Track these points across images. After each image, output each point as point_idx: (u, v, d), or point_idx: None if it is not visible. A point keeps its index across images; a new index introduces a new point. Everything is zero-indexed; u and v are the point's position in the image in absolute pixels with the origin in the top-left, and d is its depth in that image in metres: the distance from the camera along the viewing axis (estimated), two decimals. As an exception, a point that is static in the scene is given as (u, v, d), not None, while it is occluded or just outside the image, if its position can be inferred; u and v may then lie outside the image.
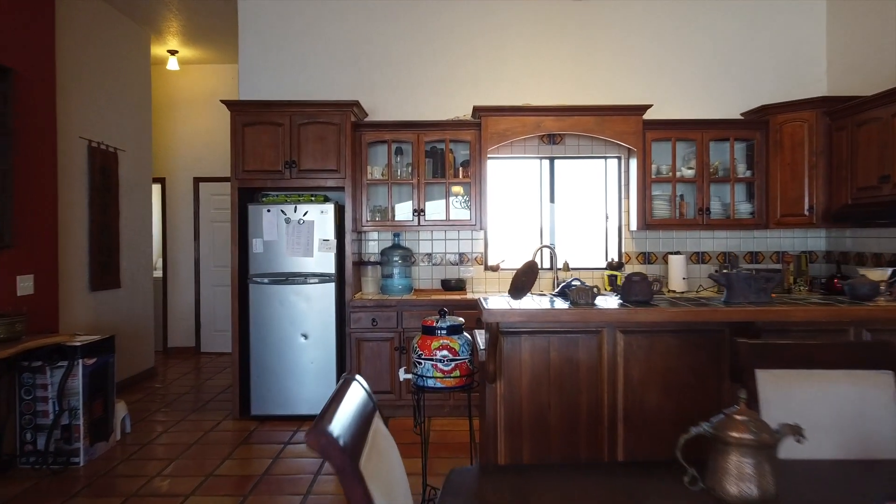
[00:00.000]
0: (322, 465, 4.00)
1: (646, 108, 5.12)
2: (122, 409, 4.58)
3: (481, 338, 3.10)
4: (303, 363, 4.93)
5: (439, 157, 5.28)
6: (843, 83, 5.29)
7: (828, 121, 4.92)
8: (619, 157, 5.58)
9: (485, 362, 2.68)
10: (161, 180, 7.87)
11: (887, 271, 4.29)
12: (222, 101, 5.05)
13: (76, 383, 4.00)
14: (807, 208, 5.02)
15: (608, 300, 2.81)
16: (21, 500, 3.54)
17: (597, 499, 1.50)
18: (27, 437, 3.97)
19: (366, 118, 5.45)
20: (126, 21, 6.21)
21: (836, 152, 4.83)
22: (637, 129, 5.12)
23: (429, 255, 5.57)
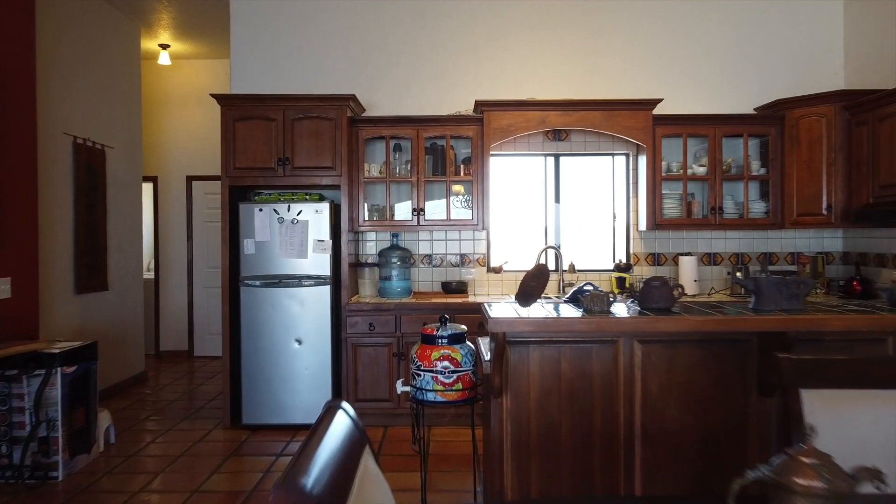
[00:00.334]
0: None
1: (656, 102, 4.89)
2: (105, 419, 4.34)
3: (485, 346, 2.87)
4: (297, 369, 4.70)
5: (440, 153, 5.05)
6: (861, 76, 5.05)
7: (847, 115, 4.69)
8: (628, 154, 5.35)
9: (489, 375, 2.45)
10: (153, 179, 7.64)
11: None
12: (212, 95, 4.82)
13: (54, 393, 3.77)
14: (825, 207, 4.79)
15: (624, 307, 2.58)
16: (-7, 519, 3.32)
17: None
18: (2, 449, 3.73)
19: (363, 113, 5.22)
20: (114, 13, 5.98)
21: (857, 148, 4.60)
22: (646, 124, 4.90)
23: (429, 256, 5.34)
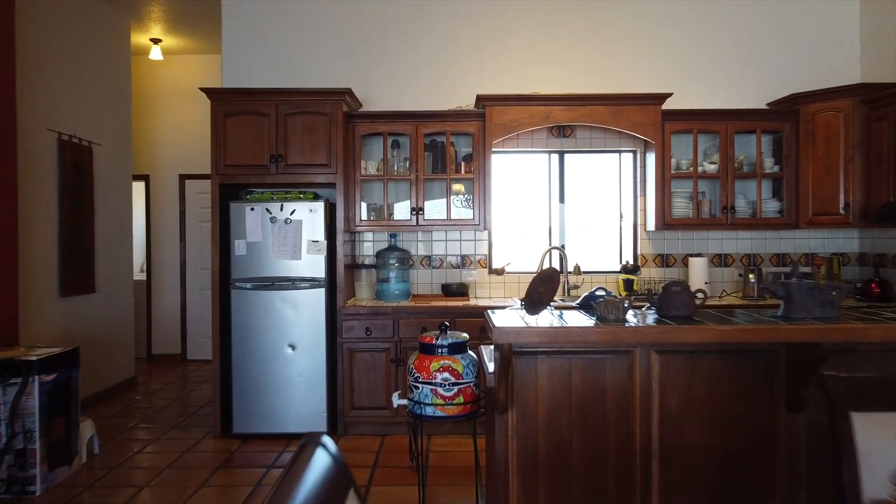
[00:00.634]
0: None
1: (665, 96, 4.69)
2: (88, 429, 4.13)
3: (488, 355, 2.66)
4: (290, 376, 4.49)
5: (439, 150, 4.85)
6: (878, 69, 4.84)
7: (866, 110, 4.49)
8: (635, 151, 5.14)
9: (494, 388, 2.24)
10: (145, 177, 7.43)
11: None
12: (202, 89, 4.61)
13: (32, 402, 3.56)
14: (842, 206, 4.58)
15: (638, 314, 2.37)
16: (-37, 538, 3.11)
17: None
18: (-24, 463, 3.53)
19: (360, 108, 5.01)
20: (102, 6, 5.76)
21: (876, 145, 4.40)
22: (655, 119, 4.69)
23: (428, 257, 5.13)
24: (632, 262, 5.12)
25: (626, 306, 2.21)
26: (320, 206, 4.50)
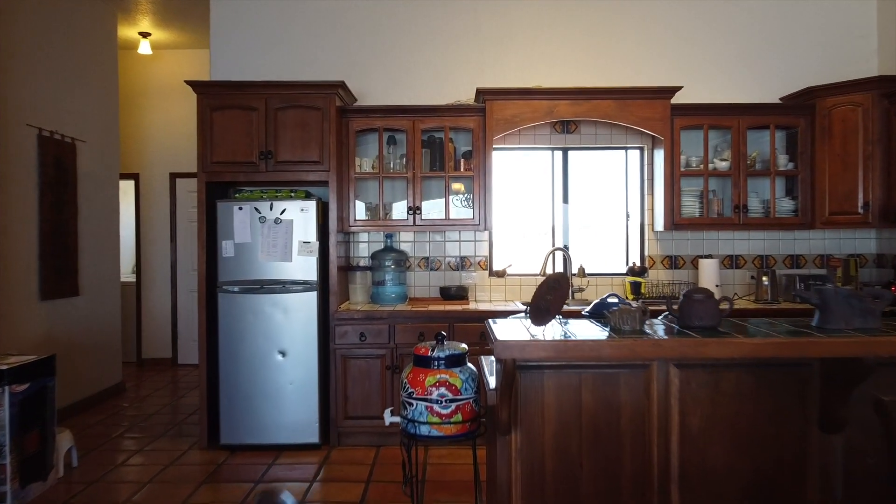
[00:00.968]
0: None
1: (674, 90, 4.47)
2: (66, 441, 3.91)
3: (489, 367, 2.44)
4: (280, 384, 4.26)
5: (438, 147, 4.62)
6: (898, 62, 4.63)
7: (886, 104, 4.27)
8: (643, 148, 4.92)
9: (495, 407, 2.02)
10: (134, 176, 7.20)
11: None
12: (187, 82, 4.38)
13: (2, 414, 3.34)
14: (861, 205, 4.36)
15: (655, 324, 2.15)
16: (-77, 563, 2.88)
17: None
18: (-58, 479, 3.31)
19: (354, 103, 4.79)
20: (87, -4, 5.54)
21: (897, 140, 4.18)
22: (664, 114, 4.47)
23: (426, 259, 4.91)
24: (639, 263, 4.90)
25: (643, 316, 1.98)
26: (312, 206, 4.28)
